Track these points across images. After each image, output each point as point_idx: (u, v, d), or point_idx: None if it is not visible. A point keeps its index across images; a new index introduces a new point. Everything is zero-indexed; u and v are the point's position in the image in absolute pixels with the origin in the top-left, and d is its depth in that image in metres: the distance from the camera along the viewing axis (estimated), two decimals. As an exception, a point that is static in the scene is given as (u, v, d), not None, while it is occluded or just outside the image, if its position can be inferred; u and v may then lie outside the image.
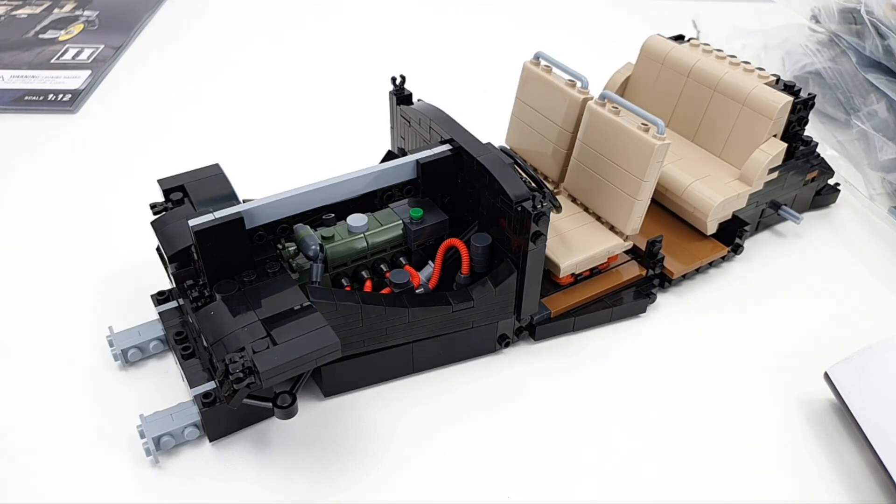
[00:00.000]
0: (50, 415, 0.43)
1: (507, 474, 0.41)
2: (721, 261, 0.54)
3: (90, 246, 0.55)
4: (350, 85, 0.75)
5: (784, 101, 0.50)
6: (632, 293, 0.49)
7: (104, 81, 0.76)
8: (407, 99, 0.51)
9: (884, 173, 0.60)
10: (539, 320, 0.47)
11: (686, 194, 0.51)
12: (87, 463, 0.41)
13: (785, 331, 0.49)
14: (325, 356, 0.37)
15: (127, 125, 0.69)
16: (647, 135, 0.45)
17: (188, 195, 0.44)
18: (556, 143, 0.51)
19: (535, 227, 0.41)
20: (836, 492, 0.40)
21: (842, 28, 0.66)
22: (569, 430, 0.43)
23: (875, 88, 0.63)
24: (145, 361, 0.46)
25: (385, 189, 0.45)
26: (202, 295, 0.40)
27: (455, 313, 0.44)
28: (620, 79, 0.58)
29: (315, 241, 0.42)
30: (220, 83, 0.76)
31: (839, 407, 0.44)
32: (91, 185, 0.61)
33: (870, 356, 0.42)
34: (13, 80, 0.75)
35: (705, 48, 0.55)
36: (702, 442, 0.42)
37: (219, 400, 0.40)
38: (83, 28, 0.86)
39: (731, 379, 0.46)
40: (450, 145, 0.46)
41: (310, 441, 0.42)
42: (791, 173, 0.54)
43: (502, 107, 0.58)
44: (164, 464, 0.41)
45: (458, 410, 0.44)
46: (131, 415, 0.43)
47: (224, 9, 0.90)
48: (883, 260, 0.55)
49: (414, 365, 0.45)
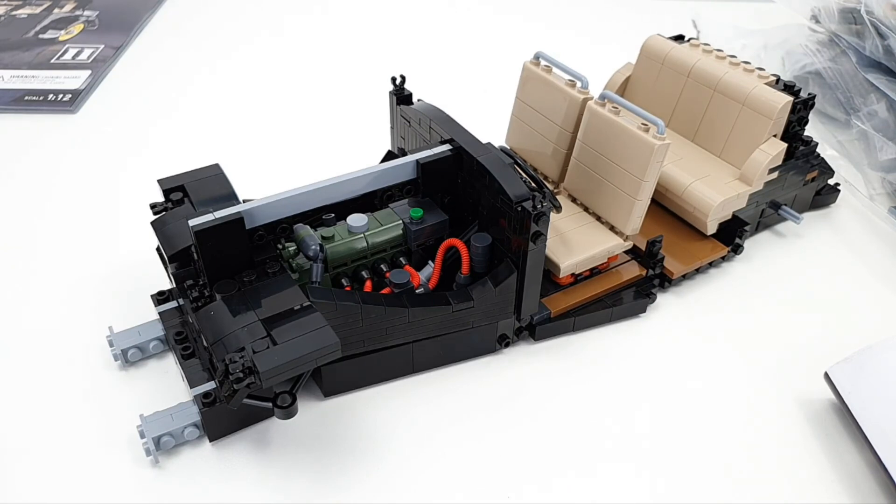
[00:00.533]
0: (50, 415, 0.43)
1: (507, 474, 0.41)
2: (721, 261, 0.54)
3: (90, 246, 0.55)
4: (350, 85, 0.75)
5: (784, 101, 0.50)
6: (632, 293, 0.50)
7: (104, 81, 0.76)
8: (407, 99, 0.51)
9: (884, 173, 0.60)
10: (539, 320, 0.47)
11: (686, 194, 0.51)
12: (87, 463, 0.41)
13: (785, 331, 0.49)
14: (325, 356, 0.37)
15: (127, 125, 0.69)
16: (647, 135, 0.45)
17: (188, 195, 0.44)
18: (556, 143, 0.51)
19: (535, 227, 0.41)
20: (836, 492, 0.40)
21: (842, 28, 0.66)
22: (569, 430, 0.43)
23: (875, 88, 0.63)
24: (145, 361, 0.46)
25: (385, 189, 0.45)
26: (202, 295, 0.40)
27: (455, 313, 0.44)
28: (620, 79, 0.58)
29: (315, 241, 0.42)
30: (219, 83, 0.76)
31: (839, 407, 0.44)
32: (91, 185, 0.61)
33: (870, 356, 0.42)
34: (13, 80, 0.75)
35: (705, 48, 0.55)
36: (702, 442, 0.43)
37: (219, 400, 0.40)
38: (83, 28, 0.85)
39: (731, 379, 0.46)
40: (450, 145, 0.46)
41: (310, 441, 0.42)
42: (791, 173, 0.54)
43: (502, 107, 0.58)
44: (164, 464, 0.41)
45: (458, 410, 0.44)
46: (131, 415, 0.43)
47: (224, 9, 0.90)
48: (883, 260, 0.55)
49: (414, 365, 0.45)
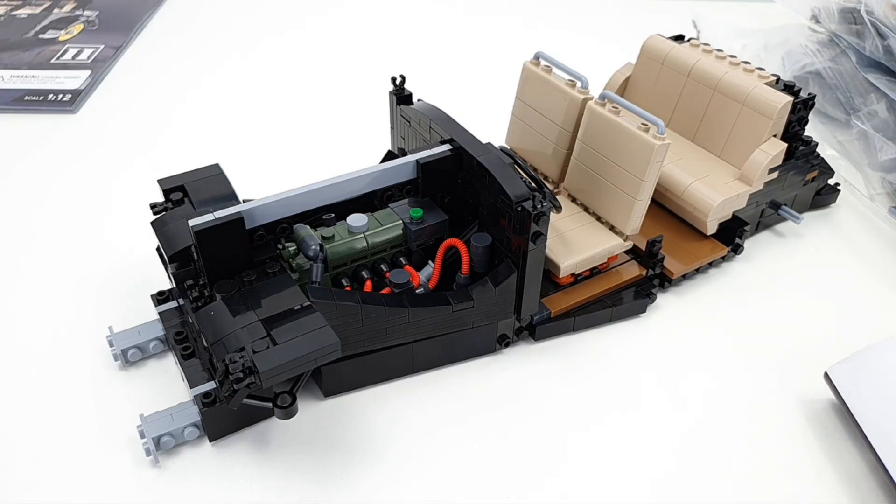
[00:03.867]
0: (50, 415, 0.43)
1: (507, 474, 0.41)
2: (721, 261, 0.54)
3: (90, 246, 0.55)
4: (350, 85, 0.75)
5: (784, 101, 0.50)
6: (632, 293, 0.50)
7: (104, 81, 0.76)
8: (407, 99, 0.51)
9: (884, 173, 0.60)
10: (539, 320, 0.47)
11: (686, 194, 0.51)
12: (87, 463, 0.41)
13: (785, 331, 0.49)
14: (325, 356, 0.37)
15: (127, 125, 0.69)
16: (647, 135, 0.45)
17: (188, 195, 0.44)
18: (556, 143, 0.51)
19: (535, 227, 0.41)
20: (837, 492, 0.40)
21: (842, 28, 0.66)
22: (569, 430, 0.43)
23: (875, 88, 0.63)
24: (145, 361, 0.46)
25: (385, 189, 0.45)
26: (202, 295, 0.40)
27: (455, 313, 0.44)
28: (620, 79, 0.58)
29: (315, 241, 0.42)
30: (220, 83, 0.76)
31: (839, 407, 0.44)
32: (91, 185, 0.61)
33: (870, 356, 0.42)
34: (13, 80, 0.75)
35: (705, 48, 0.55)
36: (702, 442, 0.42)
37: (219, 400, 0.40)
38: (83, 28, 0.85)
39: (731, 379, 0.46)
40: (450, 145, 0.46)
41: (310, 441, 0.42)
42: (791, 173, 0.54)
43: (502, 107, 0.58)
44: (164, 464, 0.41)
45: (458, 410, 0.44)
46: (131, 415, 0.43)
47: (224, 9, 0.90)
48: (883, 260, 0.55)
49: (414, 365, 0.45)
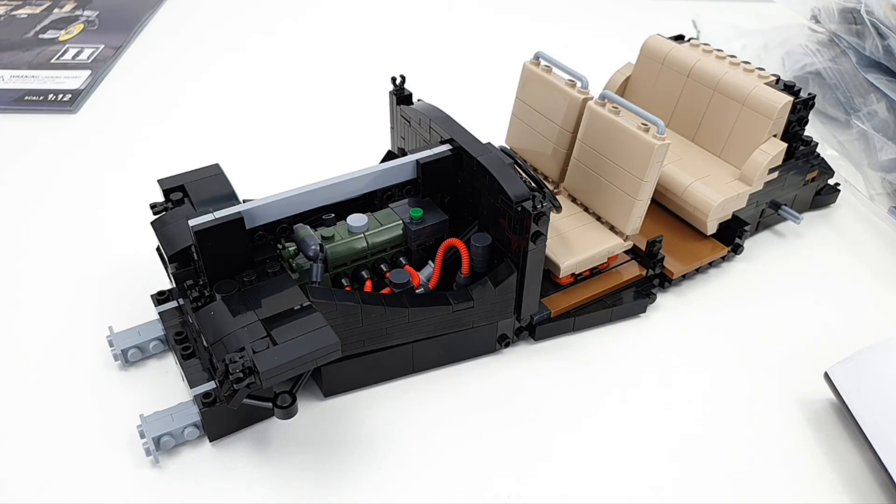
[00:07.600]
0: (50, 415, 0.43)
1: (506, 474, 0.41)
2: (721, 261, 0.54)
3: (90, 246, 0.55)
4: (350, 85, 0.75)
5: (784, 101, 0.50)
6: (632, 293, 0.49)
7: (104, 81, 0.76)
8: (407, 99, 0.51)
9: (884, 173, 0.60)
10: (539, 320, 0.47)
11: (686, 194, 0.51)
12: (87, 463, 0.41)
13: (785, 331, 0.49)
14: (325, 356, 0.37)
15: (127, 125, 0.69)
16: (647, 135, 0.45)
17: (188, 195, 0.44)
18: (556, 143, 0.51)
19: (535, 227, 0.41)
20: (836, 492, 0.40)
21: (842, 28, 0.66)
22: (569, 430, 0.43)
23: (875, 88, 0.63)
24: (145, 361, 0.46)
25: (385, 189, 0.45)
26: (202, 295, 0.40)
27: (455, 313, 0.44)
28: (620, 79, 0.58)
29: (315, 241, 0.42)
30: (219, 83, 0.76)
31: (839, 407, 0.44)
32: (91, 184, 0.61)
33: (870, 356, 0.42)
34: (13, 80, 0.75)
35: (705, 48, 0.55)
36: (702, 442, 0.42)
37: (219, 400, 0.40)
38: (83, 28, 0.85)
39: (731, 379, 0.46)
40: (450, 145, 0.46)
41: (310, 441, 0.42)
42: (791, 173, 0.54)
43: (502, 107, 0.58)
44: (164, 464, 0.41)
45: (457, 410, 0.44)
46: (131, 415, 0.43)
47: (224, 9, 0.90)
48: (883, 260, 0.55)
49: (414, 365, 0.45)
